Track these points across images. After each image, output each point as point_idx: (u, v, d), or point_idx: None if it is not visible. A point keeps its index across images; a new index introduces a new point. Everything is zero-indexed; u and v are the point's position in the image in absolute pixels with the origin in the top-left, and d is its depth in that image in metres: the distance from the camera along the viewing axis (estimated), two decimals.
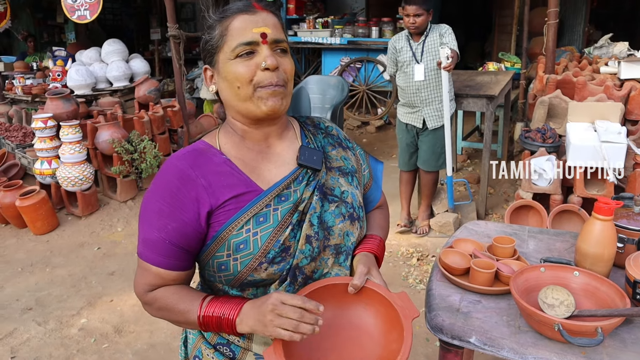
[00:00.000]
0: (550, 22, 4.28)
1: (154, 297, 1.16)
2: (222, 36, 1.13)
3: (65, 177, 4.54)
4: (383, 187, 1.48)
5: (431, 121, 3.89)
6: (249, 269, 1.11)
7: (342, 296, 1.14)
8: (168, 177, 1.13)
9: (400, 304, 1.10)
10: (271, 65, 1.09)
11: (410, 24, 3.73)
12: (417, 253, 3.86)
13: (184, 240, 1.11)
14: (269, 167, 1.18)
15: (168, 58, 8.10)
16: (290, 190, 1.16)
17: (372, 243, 1.27)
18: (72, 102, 4.98)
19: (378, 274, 1.18)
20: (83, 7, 5.41)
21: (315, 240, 1.15)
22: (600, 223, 1.51)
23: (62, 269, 3.92)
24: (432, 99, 3.85)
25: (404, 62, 3.88)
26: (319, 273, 1.18)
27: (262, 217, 1.11)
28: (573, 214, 3.23)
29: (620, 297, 1.36)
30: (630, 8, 9.89)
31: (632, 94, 3.75)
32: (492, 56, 7.82)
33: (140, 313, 3.31)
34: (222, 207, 1.11)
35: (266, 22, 1.12)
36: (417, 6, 3.66)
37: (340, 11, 8.76)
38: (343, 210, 1.21)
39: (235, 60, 1.11)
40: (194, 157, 1.14)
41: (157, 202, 1.12)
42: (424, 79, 3.81)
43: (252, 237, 1.10)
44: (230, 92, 1.14)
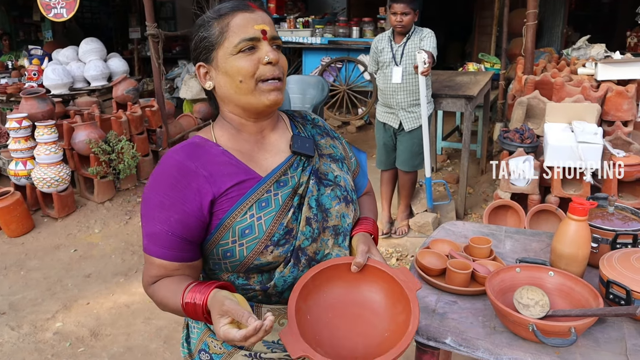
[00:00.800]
0: (529, 24, 4.31)
1: (153, 291, 1.20)
2: (222, 33, 1.18)
3: (40, 178, 4.46)
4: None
5: (407, 123, 3.90)
6: (255, 252, 1.15)
7: (346, 275, 1.18)
8: (167, 170, 1.17)
9: (403, 278, 1.15)
10: (274, 60, 1.16)
11: (397, 22, 3.72)
12: (396, 253, 3.86)
13: (187, 231, 1.15)
14: (265, 155, 1.24)
15: (147, 57, 8.01)
16: (287, 177, 1.22)
17: (367, 224, 1.34)
18: (48, 101, 4.90)
19: (377, 251, 1.24)
20: (60, 5, 5.32)
21: (315, 222, 1.21)
22: (574, 223, 1.52)
23: (37, 271, 3.85)
24: (408, 102, 3.86)
25: (384, 62, 3.89)
26: (321, 254, 1.24)
27: (264, 202, 1.17)
28: (551, 214, 3.25)
29: (594, 297, 1.37)
30: (608, 10, 10.06)
31: (609, 95, 3.80)
32: (472, 57, 7.88)
33: (117, 315, 3.26)
34: (225, 195, 1.15)
35: (264, 20, 1.19)
36: (405, 4, 3.66)
37: (321, 11, 8.75)
38: (338, 193, 1.28)
39: (237, 55, 1.16)
40: (192, 150, 1.20)
41: (158, 195, 1.15)
42: (401, 82, 3.82)
43: (256, 222, 1.15)
44: (231, 86, 1.19)
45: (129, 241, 4.28)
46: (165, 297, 1.15)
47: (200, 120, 6.31)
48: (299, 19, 7.47)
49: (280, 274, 1.18)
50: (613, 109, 3.80)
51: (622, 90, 3.76)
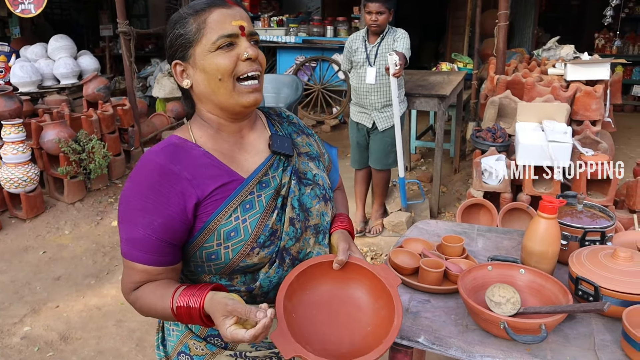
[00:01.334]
0: (500, 24, 4.37)
1: (135, 297, 1.17)
2: (199, 29, 1.15)
3: (7, 179, 4.34)
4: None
5: (381, 123, 3.92)
6: (241, 255, 1.14)
7: (328, 273, 1.20)
8: (148, 173, 1.13)
9: (384, 274, 1.18)
10: (252, 55, 1.14)
11: (372, 21, 3.73)
12: (370, 252, 3.88)
13: (171, 235, 1.12)
14: (245, 156, 1.23)
15: (119, 55, 7.86)
16: (269, 177, 1.21)
17: (343, 221, 1.35)
18: (15, 99, 4.77)
19: (357, 249, 1.27)
20: (27, 1, 5.21)
21: (298, 222, 1.22)
22: (544, 221, 1.54)
23: (4, 275, 3.75)
24: (382, 103, 3.87)
25: (357, 62, 3.89)
26: (303, 253, 1.24)
27: (248, 204, 1.16)
28: (522, 212, 3.30)
29: (563, 294, 1.39)
30: (576, 12, 10.27)
31: (578, 95, 3.87)
32: (446, 56, 7.96)
33: (87, 318, 3.20)
34: (209, 198, 1.14)
35: (242, 16, 1.17)
36: (380, 4, 3.67)
37: (295, 10, 8.72)
38: (318, 192, 1.28)
39: (215, 52, 1.14)
40: (173, 152, 1.16)
41: (140, 199, 1.12)
42: (374, 83, 3.82)
43: (241, 224, 1.14)
44: (209, 84, 1.16)
45: (100, 242, 4.20)
46: (152, 302, 1.13)
47: (174, 119, 6.23)
48: (273, 17, 7.45)
49: (266, 274, 1.18)
50: (582, 109, 3.87)
51: (590, 91, 3.83)
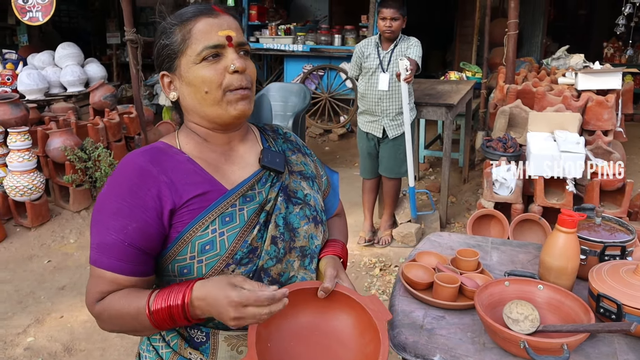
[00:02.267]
0: (510, 33, 4.34)
1: (102, 307, 1.06)
2: (184, 40, 1.10)
3: (13, 187, 4.32)
4: (347, 196, 1.48)
5: (391, 130, 3.87)
6: (215, 271, 1.06)
7: (312, 301, 1.11)
8: (126, 174, 1.07)
9: (373, 307, 1.08)
10: (240, 68, 1.09)
11: (386, 27, 3.70)
12: (379, 263, 3.82)
13: (146, 242, 1.05)
14: (232, 168, 1.17)
15: (126, 63, 7.89)
16: (254, 192, 1.15)
17: (336, 246, 1.27)
18: (22, 107, 4.76)
19: (346, 277, 1.18)
20: (35, 9, 5.20)
21: (281, 241, 1.14)
22: (564, 236, 1.49)
23: (8, 284, 3.71)
24: (392, 109, 3.83)
25: (369, 68, 3.84)
26: (286, 276, 1.15)
27: (228, 217, 1.09)
28: (534, 223, 3.25)
29: (584, 311, 1.33)
30: (584, 21, 10.24)
31: (589, 104, 3.82)
32: (454, 65, 7.92)
33: (92, 329, 3.15)
34: (186, 206, 1.07)
35: (230, 25, 1.11)
36: (395, 10, 3.66)
37: (302, 18, 8.72)
38: (307, 213, 1.21)
39: (201, 64, 1.09)
40: (154, 154, 1.11)
41: (115, 201, 1.05)
42: (387, 89, 3.78)
43: (218, 238, 1.06)
44: (195, 97, 1.11)
45: None
46: (122, 307, 1.03)
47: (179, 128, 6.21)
48: (280, 26, 7.44)
49: (227, 278, 1.08)
50: (594, 119, 3.82)
51: (602, 100, 3.78)
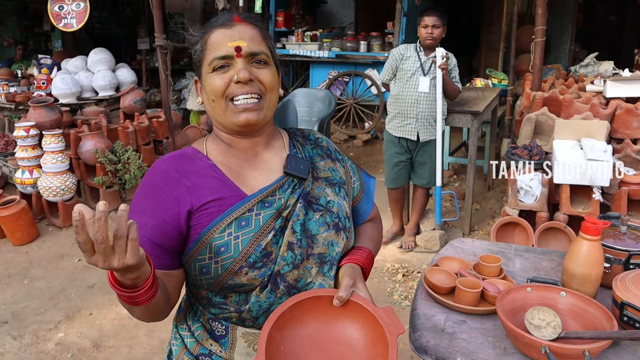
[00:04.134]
0: (537, 40, 4.31)
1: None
2: (202, 50, 1.17)
3: (46, 187, 4.46)
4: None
5: (424, 134, 3.90)
6: (230, 272, 1.10)
7: (327, 308, 1.11)
8: (153, 177, 1.16)
9: (386, 320, 1.07)
10: (242, 79, 1.11)
11: (428, 34, 3.76)
12: (402, 269, 3.83)
13: (163, 239, 1.11)
14: (254, 174, 1.20)
15: (155, 68, 8.04)
16: (275, 197, 1.17)
17: (359, 255, 1.26)
18: (56, 110, 4.91)
19: (364, 286, 1.16)
20: (70, 16, 5.36)
21: (298, 248, 1.15)
22: (587, 243, 1.49)
23: (41, 281, 3.83)
24: (428, 113, 3.87)
25: (408, 70, 3.86)
26: (303, 282, 1.17)
27: (244, 222, 1.12)
28: (559, 232, 3.22)
29: (607, 319, 1.34)
30: (615, 28, 10.07)
31: (618, 112, 3.78)
32: (480, 72, 7.88)
33: (120, 327, 3.23)
34: (204, 209, 1.12)
35: (242, 35, 1.14)
36: (437, 17, 3.73)
37: (329, 25, 8.78)
38: (328, 220, 1.21)
39: (212, 73, 1.15)
40: (179, 160, 1.18)
41: (141, 201, 1.14)
42: (427, 92, 3.82)
43: (233, 241, 1.10)
44: (209, 104, 1.18)
45: None
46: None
47: (207, 132, 6.31)
48: (306, 32, 7.50)
49: (256, 298, 1.13)
50: (622, 127, 3.77)
51: (631, 108, 3.74)
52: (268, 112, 1.18)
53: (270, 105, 1.19)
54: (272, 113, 1.21)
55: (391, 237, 4.26)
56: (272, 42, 1.24)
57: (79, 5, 5.33)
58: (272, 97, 1.19)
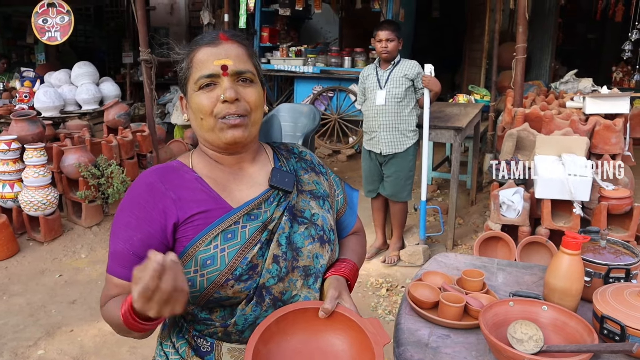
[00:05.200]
0: (518, 57, 4.39)
1: (104, 309, 1.14)
2: (188, 68, 1.18)
3: (27, 201, 4.40)
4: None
5: (385, 147, 3.98)
6: (215, 285, 1.10)
7: (312, 321, 1.12)
8: (137, 190, 1.16)
9: (372, 330, 1.08)
10: (229, 98, 1.12)
11: (382, 48, 3.87)
12: (386, 283, 3.83)
13: (148, 252, 1.08)
14: (240, 187, 1.21)
15: (139, 82, 8.03)
16: (260, 210, 1.18)
17: (344, 267, 1.26)
18: (38, 124, 4.87)
19: (349, 298, 1.17)
20: (54, 29, 5.34)
21: (283, 260, 1.16)
22: (568, 257, 1.51)
23: (20, 297, 3.76)
24: (388, 125, 3.94)
25: (368, 87, 4.03)
26: (288, 295, 1.17)
27: (230, 234, 1.12)
28: (541, 246, 3.26)
29: (588, 332, 1.36)
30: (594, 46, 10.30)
31: (597, 128, 3.85)
32: (462, 88, 7.99)
33: (101, 344, 3.18)
34: (190, 222, 1.12)
35: (228, 54, 1.15)
36: (389, 31, 3.84)
37: (313, 40, 8.86)
38: (312, 232, 1.22)
39: (198, 92, 1.15)
40: (165, 172, 1.18)
41: (126, 215, 1.14)
42: (384, 104, 3.91)
43: (219, 253, 1.10)
44: (196, 122, 1.19)
45: None
46: (113, 312, 1.06)
47: (191, 146, 6.29)
48: (291, 47, 7.56)
49: (242, 311, 1.13)
50: (601, 142, 3.85)
51: (610, 124, 3.81)
52: (253, 129, 1.19)
53: (256, 122, 1.20)
54: (257, 130, 1.23)
55: (375, 252, 4.28)
56: (258, 60, 1.25)
57: (63, 18, 5.31)
58: (257, 114, 1.20)
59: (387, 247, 4.34)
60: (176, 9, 10.52)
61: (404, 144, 3.96)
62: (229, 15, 7.01)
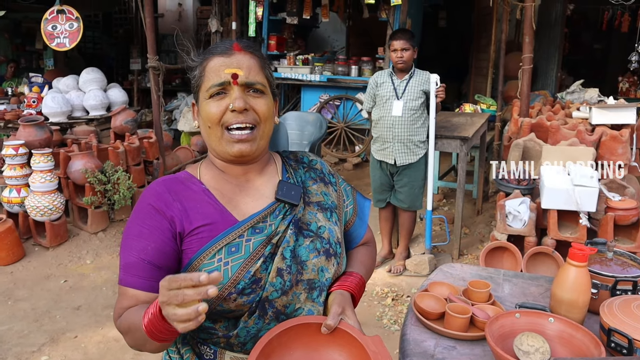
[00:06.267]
0: (525, 67, 4.39)
1: (120, 322, 1.12)
2: (200, 76, 1.18)
3: (34, 207, 4.42)
4: None
5: (401, 158, 3.95)
6: (218, 298, 1.10)
7: (314, 336, 1.11)
8: (146, 200, 1.16)
9: (374, 349, 1.07)
10: (238, 108, 1.12)
11: (398, 58, 3.85)
12: (391, 293, 3.82)
13: (164, 259, 1.12)
14: (246, 200, 1.20)
15: (147, 89, 8.08)
16: (265, 224, 1.17)
17: (350, 281, 1.25)
18: (46, 129, 4.90)
19: (353, 314, 1.16)
20: (63, 35, 5.39)
21: (287, 274, 1.15)
22: (574, 269, 1.50)
23: (25, 302, 3.77)
24: (404, 137, 3.92)
25: (383, 96, 3.96)
26: (291, 308, 1.17)
27: (234, 247, 1.12)
28: (547, 256, 3.24)
29: (595, 345, 1.34)
30: (600, 56, 10.29)
31: (603, 139, 3.84)
32: (469, 98, 7.98)
33: (105, 350, 3.18)
34: (195, 234, 1.13)
35: (240, 64, 1.15)
36: (405, 41, 3.83)
37: (320, 49, 8.89)
38: (318, 246, 1.21)
39: (209, 100, 1.16)
40: (173, 183, 1.19)
41: (137, 225, 1.14)
42: (400, 115, 3.88)
43: (223, 267, 1.10)
44: (205, 130, 1.19)
45: None
46: (132, 322, 1.05)
47: (197, 153, 6.32)
48: (298, 56, 7.58)
49: (244, 324, 1.13)
50: (608, 153, 3.84)
51: (616, 135, 3.80)
52: (262, 142, 1.19)
53: (265, 135, 1.20)
54: (266, 142, 1.22)
55: (381, 261, 4.27)
56: (271, 71, 1.24)
57: (72, 25, 5.36)
58: (267, 126, 1.20)
59: (393, 256, 4.33)
60: (184, 16, 10.59)
61: (417, 154, 3.95)
62: (236, 23, 7.05)
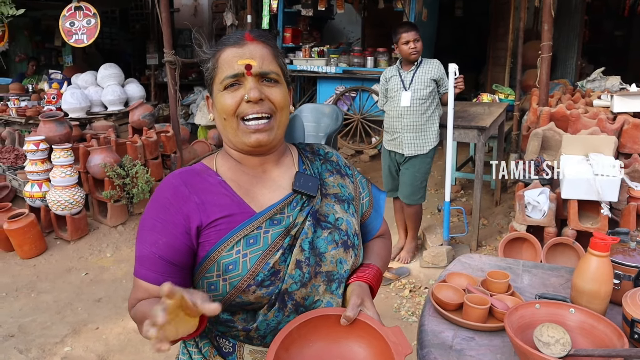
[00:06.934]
0: (543, 56, 4.32)
1: (134, 312, 1.13)
2: (214, 68, 1.17)
3: (55, 201, 4.49)
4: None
5: (408, 148, 3.95)
6: (237, 290, 1.10)
7: (334, 327, 1.11)
8: (162, 194, 1.16)
9: (394, 340, 1.07)
10: (253, 98, 1.11)
11: (411, 49, 3.85)
12: (409, 285, 3.81)
13: (175, 255, 1.11)
14: (263, 191, 1.19)
15: (164, 83, 8.12)
16: (283, 215, 1.16)
17: (367, 272, 1.25)
18: (66, 125, 4.96)
19: (372, 305, 1.15)
20: (80, 32, 5.43)
21: (306, 266, 1.14)
22: (596, 259, 1.48)
23: (48, 294, 3.84)
24: (412, 127, 3.92)
25: (392, 89, 4.00)
26: (310, 300, 1.16)
27: (253, 239, 1.11)
28: (567, 247, 3.20)
29: (617, 337, 1.32)
30: (621, 43, 10.08)
31: (625, 127, 3.77)
32: (486, 87, 7.89)
33: (126, 342, 3.23)
34: (213, 226, 1.12)
35: (253, 54, 1.14)
36: (415, 32, 3.85)
37: (336, 40, 8.85)
38: (336, 237, 1.20)
39: (223, 92, 1.15)
40: (189, 176, 1.18)
41: (152, 219, 1.14)
42: (409, 105, 3.89)
43: (241, 259, 1.10)
44: (220, 122, 1.19)
45: None
46: (144, 315, 1.05)
47: (214, 147, 6.35)
48: (314, 48, 7.56)
49: (264, 316, 1.13)
50: (630, 142, 3.76)
51: (639, 123, 3.73)
52: (278, 131, 1.18)
53: (281, 124, 1.19)
54: (283, 132, 1.21)
55: (397, 252, 4.26)
56: (284, 60, 1.23)
57: (89, 21, 5.40)
58: (283, 116, 1.19)
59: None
60: (200, 10, 10.62)
61: (427, 145, 3.93)
62: (251, 17, 7.05)
